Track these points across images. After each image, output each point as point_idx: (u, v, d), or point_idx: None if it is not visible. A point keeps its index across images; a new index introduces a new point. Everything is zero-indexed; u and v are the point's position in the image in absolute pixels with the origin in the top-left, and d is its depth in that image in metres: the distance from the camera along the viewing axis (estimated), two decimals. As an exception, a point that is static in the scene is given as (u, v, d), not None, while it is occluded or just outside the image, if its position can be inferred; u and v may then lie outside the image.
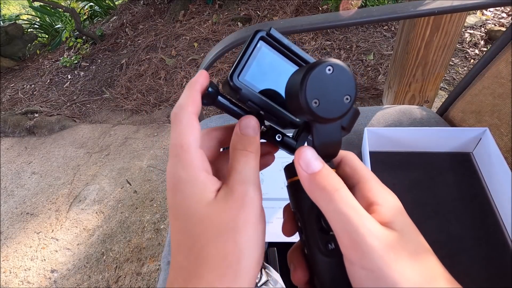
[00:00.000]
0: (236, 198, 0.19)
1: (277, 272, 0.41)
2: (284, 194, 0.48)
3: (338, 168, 0.22)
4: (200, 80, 0.21)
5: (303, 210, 0.21)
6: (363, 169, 0.21)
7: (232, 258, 0.18)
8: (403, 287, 0.16)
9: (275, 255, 0.43)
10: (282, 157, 0.52)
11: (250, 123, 0.21)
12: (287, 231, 0.23)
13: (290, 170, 0.22)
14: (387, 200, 0.19)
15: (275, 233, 0.44)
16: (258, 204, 0.19)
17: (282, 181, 0.54)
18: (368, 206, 0.19)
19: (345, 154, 0.22)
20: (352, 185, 0.20)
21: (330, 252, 0.19)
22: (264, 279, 0.39)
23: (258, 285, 0.39)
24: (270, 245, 0.45)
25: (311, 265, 0.20)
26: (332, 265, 0.19)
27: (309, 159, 0.19)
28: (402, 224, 0.18)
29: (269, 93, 0.22)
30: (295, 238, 0.23)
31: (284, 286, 0.39)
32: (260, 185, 0.21)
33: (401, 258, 0.16)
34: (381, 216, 0.18)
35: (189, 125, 0.20)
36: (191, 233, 0.19)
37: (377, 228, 0.17)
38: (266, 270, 0.41)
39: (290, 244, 0.47)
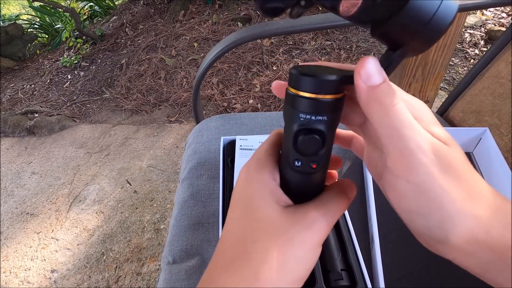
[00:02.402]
0: (306, 218, 0.20)
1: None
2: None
3: None
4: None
5: (287, 122, 0.21)
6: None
7: (272, 264, 0.18)
8: (445, 201, 0.16)
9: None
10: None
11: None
12: (276, 90, 0.23)
13: (293, 79, 0.20)
14: (425, 111, 0.19)
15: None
16: (320, 234, 0.20)
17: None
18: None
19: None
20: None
21: (296, 167, 0.21)
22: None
23: None
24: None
25: (280, 168, 0.22)
26: (295, 178, 0.21)
27: (371, 71, 0.18)
28: (454, 144, 0.18)
29: None
30: None
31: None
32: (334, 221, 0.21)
33: (448, 175, 0.16)
34: (436, 134, 0.18)
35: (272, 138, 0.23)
36: (248, 226, 0.20)
37: (427, 144, 0.17)
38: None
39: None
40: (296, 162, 0.21)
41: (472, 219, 0.16)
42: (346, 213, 0.47)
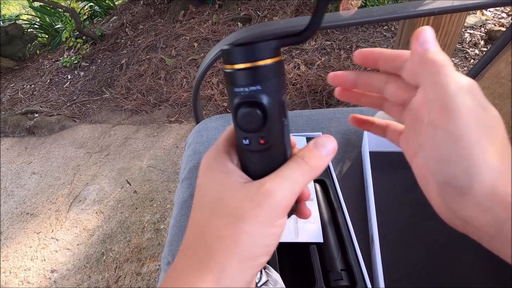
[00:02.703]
0: (258, 193, 0.19)
1: (277, 272, 0.41)
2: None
3: (404, 69, 0.22)
4: None
5: (230, 102, 0.20)
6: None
7: (227, 241, 0.19)
8: (476, 151, 0.18)
9: (275, 255, 0.43)
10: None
11: (329, 144, 0.22)
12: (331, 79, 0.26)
13: (223, 55, 0.19)
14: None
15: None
16: (279, 205, 0.19)
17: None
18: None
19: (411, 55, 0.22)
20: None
21: (245, 146, 0.20)
22: (264, 279, 0.39)
23: (258, 285, 0.39)
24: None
25: (238, 153, 0.23)
26: (249, 158, 0.21)
27: (427, 37, 0.20)
28: (494, 112, 0.19)
29: None
30: (286, 239, 0.23)
31: (284, 286, 0.39)
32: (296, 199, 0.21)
33: (484, 130, 0.18)
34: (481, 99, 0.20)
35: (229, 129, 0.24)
36: (206, 211, 0.20)
37: (471, 101, 0.18)
38: (266, 270, 0.41)
39: (290, 243, 0.46)
40: (244, 141, 0.20)
41: (495, 172, 0.18)
42: (346, 213, 0.47)
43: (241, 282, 0.19)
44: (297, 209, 0.24)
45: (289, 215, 0.23)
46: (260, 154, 0.21)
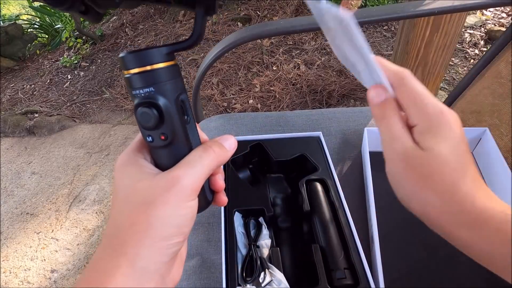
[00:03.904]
0: (165, 180, 0.21)
1: (281, 272, 0.41)
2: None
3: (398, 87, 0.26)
4: None
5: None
6: (420, 92, 0.25)
7: (139, 227, 0.20)
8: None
9: (279, 255, 0.43)
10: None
11: (231, 139, 0.26)
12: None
13: (120, 61, 0.21)
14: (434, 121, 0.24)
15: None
16: (185, 189, 0.21)
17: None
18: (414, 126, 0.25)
19: (406, 76, 0.26)
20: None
21: (150, 143, 0.22)
22: (268, 279, 0.39)
23: (262, 285, 0.39)
24: (273, 245, 0.45)
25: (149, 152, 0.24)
26: (156, 154, 0.23)
27: (379, 92, 0.26)
28: (431, 146, 0.23)
29: None
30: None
31: (288, 286, 0.39)
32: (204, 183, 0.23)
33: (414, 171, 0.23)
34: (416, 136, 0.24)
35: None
36: (120, 205, 0.21)
37: (402, 152, 0.23)
38: (269, 270, 0.41)
39: (292, 241, 0.46)
40: (148, 138, 0.22)
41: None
42: (348, 212, 0.47)
43: (157, 262, 0.20)
44: (213, 200, 0.26)
45: (205, 207, 0.25)
46: (164, 149, 0.22)
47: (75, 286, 0.20)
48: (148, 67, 0.20)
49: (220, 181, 0.26)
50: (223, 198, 0.27)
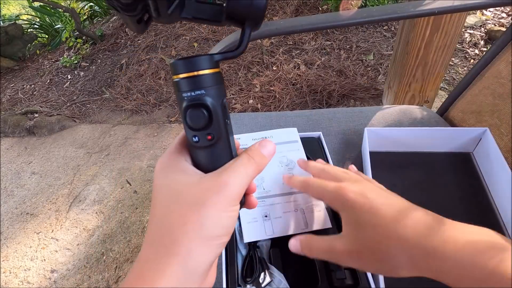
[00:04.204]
0: (215, 184, 0.22)
1: (281, 272, 0.41)
2: (286, 189, 0.48)
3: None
4: None
5: (179, 106, 0.24)
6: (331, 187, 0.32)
7: (191, 226, 0.21)
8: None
9: (278, 255, 0.43)
10: (280, 151, 0.52)
11: (269, 146, 0.26)
12: None
13: (172, 67, 0.23)
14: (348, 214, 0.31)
15: (276, 229, 0.44)
16: (233, 194, 0.22)
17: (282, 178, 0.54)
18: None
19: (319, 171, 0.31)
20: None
21: (195, 143, 0.24)
22: (268, 279, 0.39)
23: (262, 285, 0.39)
24: (273, 245, 0.45)
25: (190, 153, 0.26)
26: (201, 155, 0.25)
27: (295, 244, 0.32)
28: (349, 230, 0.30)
29: None
30: (297, 230, 0.25)
31: (288, 286, 0.39)
32: (248, 190, 0.26)
33: (363, 253, 0.27)
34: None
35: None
36: (167, 205, 0.22)
37: (336, 248, 0.28)
38: (269, 270, 0.41)
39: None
40: (194, 138, 0.23)
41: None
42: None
43: (205, 261, 0.21)
44: (245, 202, 0.28)
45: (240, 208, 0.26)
46: (209, 149, 0.24)
47: (126, 287, 0.21)
48: (201, 72, 0.22)
49: (252, 184, 0.28)
50: (254, 200, 0.28)
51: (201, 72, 0.22)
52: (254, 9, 0.22)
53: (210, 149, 0.24)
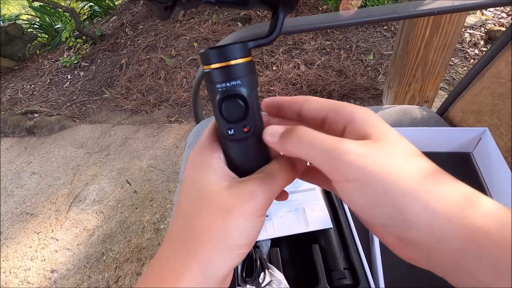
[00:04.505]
0: (245, 191, 0.21)
1: (281, 272, 0.41)
2: (287, 189, 0.48)
3: (302, 110, 0.23)
4: None
5: (211, 98, 0.23)
6: (330, 100, 0.23)
7: (216, 232, 0.20)
8: (388, 184, 0.17)
9: (278, 255, 0.43)
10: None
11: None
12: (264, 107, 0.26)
13: (202, 57, 0.22)
14: (359, 116, 0.20)
15: (277, 228, 0.44)
16: (260, 205, 0.21)
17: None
18: (344, 128, 0.21)
19: (306, 97, 0.24)
20: (323, 116, 0.22)
21: (230, 136, 0.22)
22: (268, 279, 0.39)
23: (262, 285, 0.39)
24: (273, 245, 0.45)
25: (222, 147, 0.24)
26: (234, 149, 0.23)
27: (272, 130, 0.21)
28: (378, 132, 0.19)
29: None
30: (298, 230, 0.24)
31: (288, 286, 0.39)
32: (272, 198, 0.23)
33: (379, 160, 0.17)
34: (354, 134, 0.20)
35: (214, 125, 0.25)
36: (194, 204, 0.22)
37: (347, 145, 0.18)
38: (269, 270, 0.41)
39: (292, 242, 0.46)
40: (229, 131, 0.22)
41: (423, 192, 0.16)
42: (348, 211, 0.47)
43: (225, 269, 0.21)
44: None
45: None
46: (244, 142, 0.23)
47: (147, 286, 0.21)
48: (236, 61, 0.21)
49: (285, 193, 0.26)
50: (284, 193, 0.26)
51: (236, 62, 0.21)
52: None
53: (246, 141, 0.23)
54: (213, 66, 0.21)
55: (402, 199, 0.16)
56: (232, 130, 0.22)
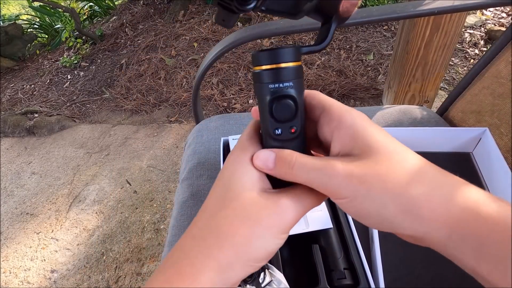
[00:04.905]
0: (277, 205, 0.21)
1: (281, 272, 0.41)
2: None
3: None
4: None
5: (260, 98, 0.23)
6: (323, 100, 0.23)
7: (239, 240, 0.20)
8: (373, 196, 0.18)
9: (278, 255, 0.43)
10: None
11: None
12: (255, 114, 0.26)
13: (256, 58, 0.22)
14: (344, 123, 0.21)
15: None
16: (288, 221, 0.21)
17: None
18: (331, 134, 0.22)
19: (309, 91, 0.25)
20: (318, 114, 0.23)
21: (277, 136, 0.23)
22: (267, 279, 0.39)
23: (262, 285, 0.39)
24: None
25: (263, 144, 0.24)
26: (276, 147, 0.23)
27: (262, 157, 0.22)
28: (362, 144, 0.20)
29: None
30: (298, 230, 0.24)
31: (288, 286, 0.39)
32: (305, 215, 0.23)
33: (364, 178, 0.19)
34: (340, 142, 0.21)
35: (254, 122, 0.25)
36: (223, 205, 0.22)
37: (335, 168, 0.20)
38: (269, 270, 0.41)
39: (292, 242, 0.46)
40: (276, 131, 0.23)
41: (409, 203, 0.18)
42: (346, 213, 0.47)
43: (239, 277, 0.21)
44: None
45: None
46: (289, 143, 0.23)
47: (164, 279, 0.21)
48: (290, 64, 0.22)
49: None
50: None
51: (290, 64, 0.22)
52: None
53: (290, 143, 0.23)
54: (269, 66, 0.22)
55: (386, 209, 0.18)
56: (279, 130, 0.23)
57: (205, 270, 0.20)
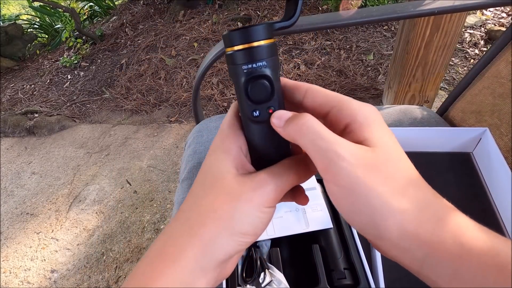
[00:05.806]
0: (254, 180, 0.22)
1: (281, 272, 0.41)
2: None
3: (305, 98, 0.23)
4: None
5: (235, 80, 0.22)
6: (334, 94, 0.22)
7: (221, 215, 0.21)
8: (371, 197, 0.18)
9: (278, 255, 0.43)
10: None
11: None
12: None
13: (227, 38, 0.22)
14: (359, 117, 0.20)
15: (277, 228, 0.44)
16: (268, 195, 0.21)
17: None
18: (345, 127, 0.21)
19: (310, 86, 0.23)
20: (326, 111, 0.22)
21: (255, 118, 0.22)
22: (268, 279, 0.39)
23: (262, 285, 0.39)
24: (273, 245, 0.45)
25: (244, 131, 0.24)
26: (258, 131, 0.23)
27: (279, 114, 0.21)
28: (375, 138, 0.19)
29: None
30: (298, 230, 0.24)
31: (288, 286, 0.39)
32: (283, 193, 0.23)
33: (372, 174, 0.18)
34: (353, 135, 0.20)
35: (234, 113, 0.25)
36: (204, 187, 0.22)
37: (344, 150, 0.18)
38: (269, 270, 0.41)
39: (292, 242, 0.46)
40: (254, 113, 0.22)
41: (399, 213, 0.17)
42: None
43: (225, 253, 0.21)
44: (296, 198, 0.26)
45: None
46: (267, 125, 0.23)
47: (147, 260, 0.21)
48: (263, 42, 0.21)
49: (305, 197, 0.26)
50: (305, 197, 0.26)
51: (262, 42, 0.21)
52: None
53: (269, 125, 0.23)
54: (240, 47, 0.21)
55: (380, 213, 0.18)
56: (257, 112, 0.22)
57: (187, 248, 0.20)
